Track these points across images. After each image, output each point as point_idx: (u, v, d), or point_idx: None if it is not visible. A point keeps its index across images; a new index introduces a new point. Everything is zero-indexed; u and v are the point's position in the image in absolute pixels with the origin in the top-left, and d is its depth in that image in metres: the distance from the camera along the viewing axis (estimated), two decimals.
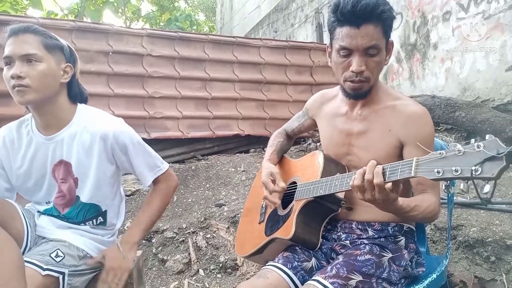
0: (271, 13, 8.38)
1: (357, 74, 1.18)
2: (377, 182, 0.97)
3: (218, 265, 2.28)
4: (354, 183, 1.02)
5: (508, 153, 0.78)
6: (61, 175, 1.38)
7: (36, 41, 1.28)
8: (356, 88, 1.21)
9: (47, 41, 1.31)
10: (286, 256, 1.25)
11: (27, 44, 1.26)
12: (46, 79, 1.29)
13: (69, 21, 3.52)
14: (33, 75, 1.26)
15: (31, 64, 1.26)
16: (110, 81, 3.55)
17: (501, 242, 1.81)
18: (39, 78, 1.27)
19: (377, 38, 1.15)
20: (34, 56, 1.26)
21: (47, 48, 1.30)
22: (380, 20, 1.14)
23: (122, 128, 1.40)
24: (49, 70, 1.29)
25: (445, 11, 3.91)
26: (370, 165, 1.00)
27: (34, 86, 1.26)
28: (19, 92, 1.25)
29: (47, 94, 1.30)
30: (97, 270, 1.41)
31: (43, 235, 1.39)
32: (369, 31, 1.13)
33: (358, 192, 1.02)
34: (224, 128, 4.09)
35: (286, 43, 4.46)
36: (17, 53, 1.25)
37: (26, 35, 1.27)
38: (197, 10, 18.68)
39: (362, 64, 1.17)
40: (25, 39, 1.27)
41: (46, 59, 1.29)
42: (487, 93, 3.48)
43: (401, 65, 4.58)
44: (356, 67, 1.17)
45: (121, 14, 12.30)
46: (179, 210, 2.86)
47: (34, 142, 1.38)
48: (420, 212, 1.13)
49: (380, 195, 0.98)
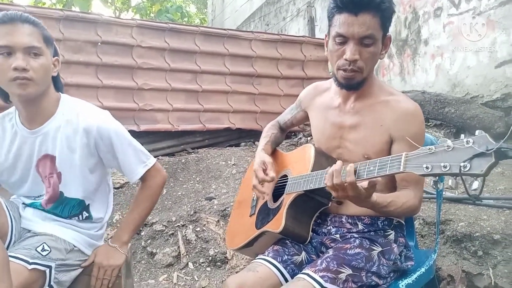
0: (263, 6, 8.33)
1: (350, 62, 1.17)
2: (350, 181, 1.01)
3: (208, 259, 2.28)
4: (327, 183, 1.06)
5: (497, 150, 0.78)
6: (46, 170, 1.35)
7: (38, 33, 1.26)
8: (348, 77, 1.20)
9: (46, 34, 1.29)
10: (276, 250, 1.25)
11: (30, 36, 1.23)
12: (46, 73, 1.28)
13: (57, 10, 3.45)
14: (37, 68, 1.23)
15: (34, 57, 1.23)
16: (99, 71, 3.48)
17: (488, 237, 1.83)
18: (41, 72, 1.25)
19: (374, 28, 1.15)
20: (38, 49, 1.24)
21: (46, 41, 1.28)
22: (379, 10, 1.14)
23: (106, 122, 1.36)
24: (48, 64, 1.29)
25: (437, 7, 3.92)
26: (336, 169, 1.04)
27: (37, 79, 1.24)
28: (21, 85, 1.22)
29: (44, 87, 1.29)
30: (83, 267, 1.40)
31: (28, 227, 1.36)
32: (366, 20, 1.13)
33: (332, 190, 1.07)
34: (215, 121, 4.06)
35: (277, 36, 4.44)
36: (21, 44, 1.21)
37: (26, 25, 1.23)
38: (188, 2, 18.49)
39: (356, 53, 1.16)
40: (27, 30, 1.23)
41: (46, 53, 1.28)
42: (476, 89, 3.51)
43: (392, 61, 4.59)
44: (349, 55, 1.16)
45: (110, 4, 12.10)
46: (169, 203, 2.84)
47: (18, 136, 1.35)
48: (397, 207, 1.15)
49: (353, 192, 1.02)
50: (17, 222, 1.34)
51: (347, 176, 1.01)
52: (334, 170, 1.04)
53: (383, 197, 1.13)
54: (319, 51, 4.52)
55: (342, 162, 1.06)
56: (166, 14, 11.45)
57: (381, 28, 1.17)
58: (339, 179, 1.03)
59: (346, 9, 1.15)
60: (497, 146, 0.78)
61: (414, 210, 1.22)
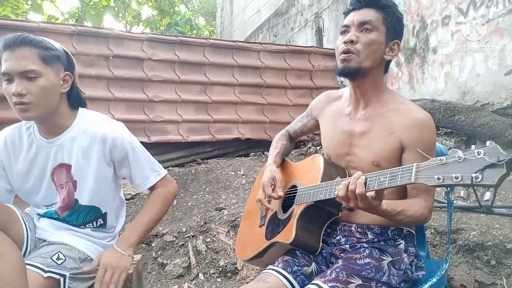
0: (271, 17, 8.41)
1: (348, 43, 1.22)
2: (359, 192, 1.01)
3: (218, 269, 2.28)
4: (338, 193, 1.06)
5: (508, 161, 0.78)
6: (61, 179, 1.38)
7: (33, 55, 1.24)
8: (344, 58, 1.23)
9: (44, 53, 1.27)
10: (286, 260, 1.25)
11: (24, 60, 1.23)
12: (46, 94, 1.27)
13: (70, 26, 3.53)
14: (34, 92, 1.24)
15: (30, 80, 1.24)
16: (111, 85, 3.55)
17: (501, 246, 1.81)
18: (40, 94, 1.25)
19: (375, 18, 1.23)
20: (33, 72, 1.23)
21: (45, 61, 1.27)
22: (381, 7, 1.23)
23: (121, 133, 1.40)
24: (49, 84, 1.27)
25: (444, 15, 3.92)
26: (355, 176, 1.04)
27: (36, 102, 1.25)
28: (21, 110, 1.25)
29: (49, 108, 1.30)
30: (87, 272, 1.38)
31: (43, 237, 1.39)
32: (368, 12, 1.23)
33: (343, 201, 1.07)
34: (224, 132, 4.09)
35: (286, 47, 4.48)
36: (15, 70, 1.22)
37: (22, 48, 1.23)
38: (197, 14, 18.74)
39: (353, 36, 1.22)
40: (22, 54, 1.23)
41: (45, 73, 1.26)
42: (486, 97, 3.48)
43: (401, 69, 4.59)
44: (347, 37, 1.23)
45: (121, 18, 12.34)
46: (179, 214, 2.86)
47: (35, 145, 1.38)
48: (407, 216, 1.16)
49: (363, 203, 1.03)
50: (32, 232, 1.37)
51: (357, 188, 1.02)
52: (353, 177, 1.05)
53: (394, 206, 1.13)
54: (327, 61, 4.55)
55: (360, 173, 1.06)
56: (176, 27, 11.64)
57: (384, 23, 1.23)
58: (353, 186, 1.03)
59: (352, 8, 1.27)
60: (508, 157, 0.78)
61: (425, 219, 1.22)
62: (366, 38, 1.22)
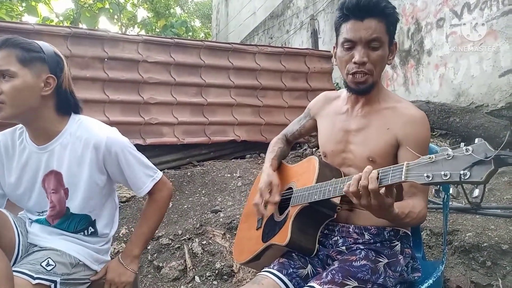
0: (266, 19, 8.43)
1: (359, 65, 1.20)
2: (372, 188, 0.98)
3: (214, 272, 2.27)
4: (350, 189, 1.02)
5: (496, 157, 0.78)
6: (52, 186, 1.36)
7: (10, 55, 1.25)
8: (359, 81, 1.23)
9: (24, 55, 1.26)
10: (282, 262, 1.24)
11: (1, 60, 1.24)
12: (20, 94, 1.25)
13: (65, 28, 3.52)
14: (7, 91, 1.24)
15: (5, 80, 1.24)
16: (106, 87, 3.54)
17: (496, 247, 1.81)
18: (12, 94, 1.24)
19: (380, 32, 1.19)
20: (7, 72, 1.24)
21: (23, 62, 1.26)
22: (384, 15, 1.19)
23: (115, 138, 1.38)
24: (24, 85, 1.26)
25: (439, 18, 3.95)
26: (366, 171, 1.00)
27: (8, 102, 1.24)
28: None
29: (24, 108, 1.28)
30: (89, 281, 1.41)
31: (35, 242, 1.37)
32: (372, 24, 1.18)
33: (354, 198, 1.03)
34: (220, 134, 4.08)
35: (281, 49, 4.48)
36: None
37: (2, 50, 1.25)
38: (192, 16, 18.74)
39: (364, 56, 1.19)
40: (1, 55, 1.25)
41: (21, 74, 1.25)
42: (481, 98, 3.51)
43: (396, 71, 4.61)
44: (358, 57, 1.19)
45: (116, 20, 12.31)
46: (175, 217, 2.84)
47: (27, 151, 1.37)
48: (412, 218, 1.15)
49: (376, 201, 0.99)
50: (24, 237, 1.36)
51: (370, 183, 0.98)
52: (364, 172, 1.00)
53: (402, 208, 1.12)
54: (322, 63, 4.56)
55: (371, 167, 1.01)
56: (171, 29, 11.62)
57: (387, 32, 1.21)
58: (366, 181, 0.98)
59: (352, 16, 1.20)
60: (495, 153, 0.78)
61: (424, 219, 1.23)
62: (375, 56, 1.21)
